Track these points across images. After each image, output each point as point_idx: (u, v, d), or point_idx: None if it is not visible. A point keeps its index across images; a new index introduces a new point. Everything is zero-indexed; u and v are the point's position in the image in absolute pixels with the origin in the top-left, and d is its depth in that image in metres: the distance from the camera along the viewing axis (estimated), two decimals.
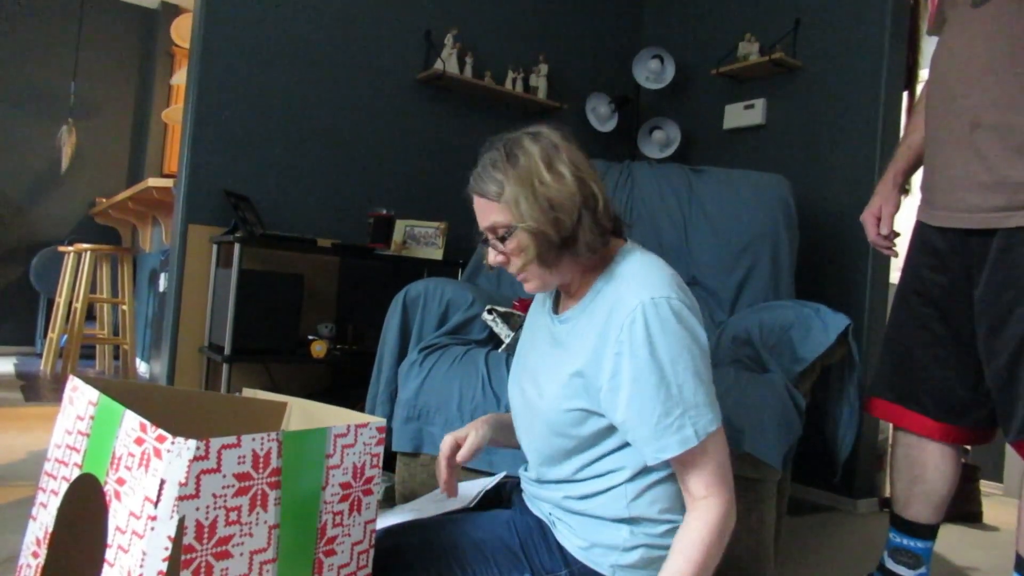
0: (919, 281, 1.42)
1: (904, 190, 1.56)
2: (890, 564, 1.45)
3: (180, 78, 4.72)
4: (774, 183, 2.39)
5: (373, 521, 1.13)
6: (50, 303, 5.00)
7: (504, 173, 1.10)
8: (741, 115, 3.12)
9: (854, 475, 2.60)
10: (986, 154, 1.24)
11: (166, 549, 0.86)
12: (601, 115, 3.39)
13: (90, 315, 4.67)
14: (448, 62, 2.97)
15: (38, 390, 3.71)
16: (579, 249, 1.07)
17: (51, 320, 4.52)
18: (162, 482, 0.86)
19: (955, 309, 1.35)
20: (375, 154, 2.89)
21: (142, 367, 4.54)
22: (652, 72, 3.32)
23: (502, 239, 1.11)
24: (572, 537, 1.12)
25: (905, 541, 1.44)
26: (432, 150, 3.04)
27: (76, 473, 1.02)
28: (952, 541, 2.24)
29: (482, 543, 1.15)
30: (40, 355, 5.02)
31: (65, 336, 4.24)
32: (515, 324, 1.83)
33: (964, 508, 2.52)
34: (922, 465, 1.41)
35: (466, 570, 1.14)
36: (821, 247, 2.63)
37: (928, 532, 1.42)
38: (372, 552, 1.13)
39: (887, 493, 2.66)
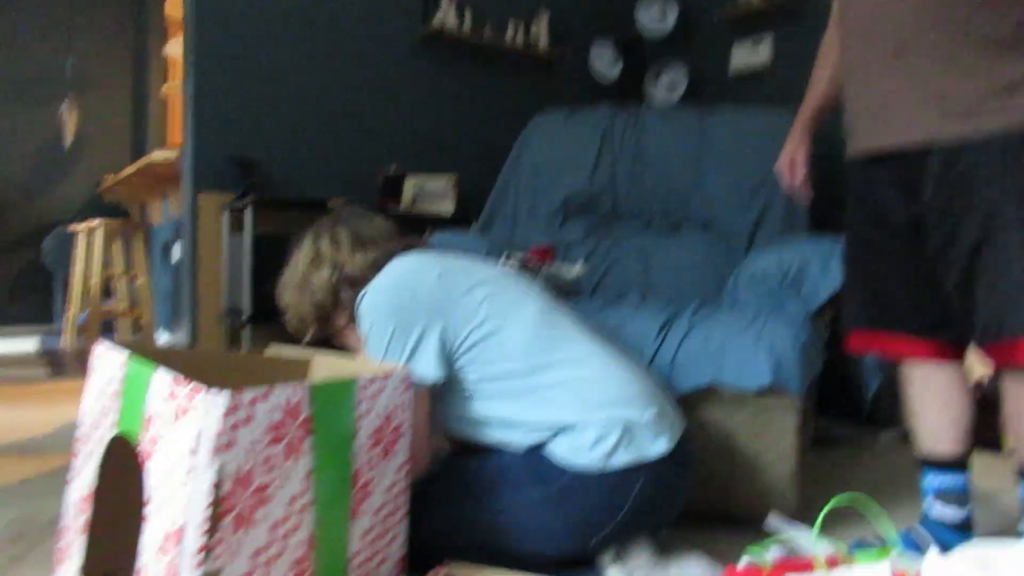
0: (866, 211, 1.40)
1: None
2: (937, 509, 1.40)
3: (173, 48, 4.67)
4: (786, 120, 2.34)
5: (406, 464, 1.15)
6: (66, 281, 5.04)
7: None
8: (748, 56, 3.06)
9: (875, 407, 2.61)
10: (916, 72, 1.24)
11: (207, 498, 0.88)
12: (605, 62, 3.33)
13: (106, 291, 4.71)
14: (447, 14, 2.92)
15: (62, 366, 3.76)
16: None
17: (68, 298, 4.56)
18: (198, 434, 0.88)
19: (906, 231, 1.34)
20: (380, 113, 2.86)
21: (162, 338, 4.59)
22: (655, 16, 3.25)
23: None
24: (559, 449, 1.23)
25: (948, 480, 1.39)
26: (437, 105, 3.01)
27: (111, 434, 1.04)
28: (974, 467, 2.26)
29: (498, 471, 1.24)
30: (61, 333, 5.08)
31: (84, 312, 4.29)
32: (531, 273, 1.83)
33: (985, 435, 2.53)
34: (945, 391, 1.39)
35: (486, 500, 1.23)
36: (835, 183, 2.60)
37: (965, 463, 1.40)
38: (407, 494, 1.16)
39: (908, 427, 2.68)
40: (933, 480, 1.40)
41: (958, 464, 1.39)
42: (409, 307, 1.24)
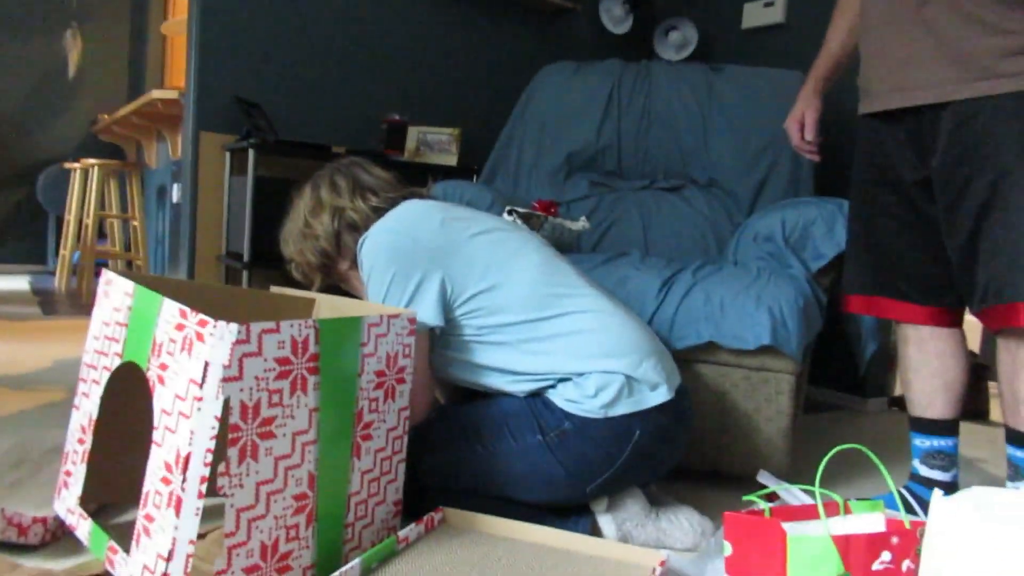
0: (875, 170, 1.40)
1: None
2: (924, 471, 1.43)
3: None
4: (795, 81, 2.32)
5: (406, 408, 1.16)
6: (59, 221, 5.00)
7: None
8: (761, 13, 3.01)
9: (864, 374, 2.65)
10: (936, 27, 1.23)
11: (213, 428, 0.88)
12: (615, 16, 3.28)
13: (101, 232, 4.67)
14: None
15: (55, 305, 3.75)
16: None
17: (62, 238, 4.53)
18: (206, 364, 0.88)
19: (915, 191, 1.35)
20: (387, 59, 2.81)
21: None
22: None
23: None
24: (560, 397, 1.25)
25: (936, 442, 1.41)
26: (445, 55, 2.96)
27: (117, 362, 1.05)
28: (961, 436, 2.30)
29: (498, 417, 1.26)
30: (53, 273, 5.06)
31: (78, 253, 4.26)
32: (535, 224, 1.83)
33: (973, 406, 2.58)
34: (940, 355, 1.41)
35: (486, 445, 1.25)
36: (842, 146, 2.58)
37: (954, 428, 1.42)
38: (406, 439, 1.17)
39: (896, 392, 2.72)
40: (922, 442, 1.43)
41: (947, 428, 1.42)
42: (410, 252, 1.23)
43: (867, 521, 0.74)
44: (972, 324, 3.38)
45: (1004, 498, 0.65)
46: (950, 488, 1.41)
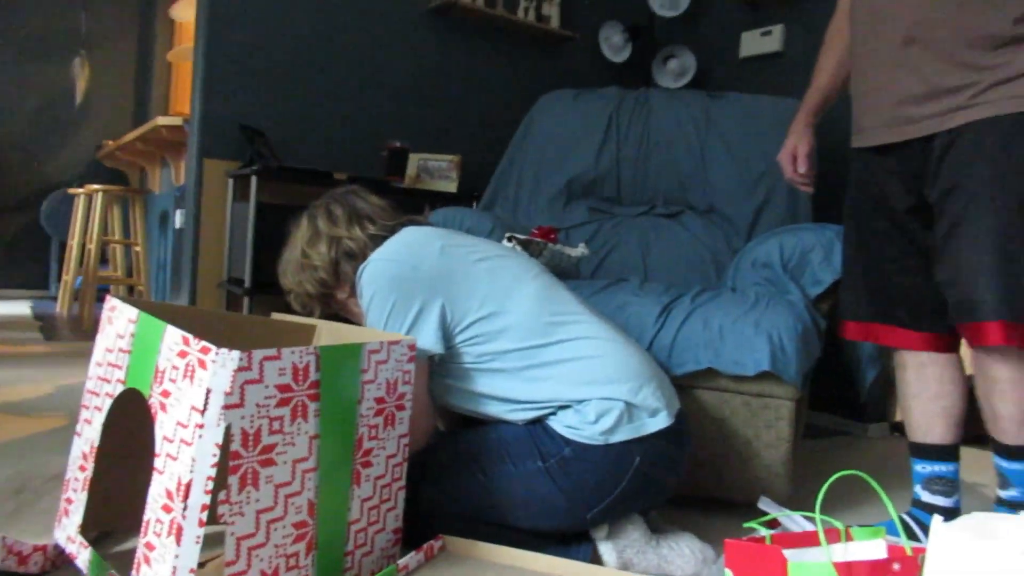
0: (868, 199, 1.44)
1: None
2: (926, 496, 1.43)
3: (179, 13, 4.62)
4: (792, 108, 2.34)
5: (406, 435, 1.16)
6: (62, 246, 5.02)
7: None
8: (758, 42, 3.05)
9: (865, 400, 2.64)
10: (920, 67, 1.29)
11: (214, 455, 0.89)
12: (615, 44, 3.32)
13: (103, 257, 4.69)
14: None
15: (56, 330, 3.76)
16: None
17: (64, 263, 4.54)
18: (208, 391, 0.89)
19: (907, 219, 1.38)
20: (389, 87, 2.85)
21: None
22: (666, 1, 3.24)
23: None
24: (560, 424, 1.25)
25: (937, 468, 1.41)
26: (446, 82, 3.00)
27: (119, 389, 1.05)
28: (963, 460, 2.29)
29: (498, 443, 1.26)
30: (55, 298, 5.07)
31: (80, 278, 4.27)
32: (535, 251, 1.84)
33: (973, 431, 2.56)
34: (938, 380, 1.41)
35: (486, 471, 1.24)
36: (839, 173, 2.60)
37: (955, 453, 1.42)
38: (406, 466, 1.17)
39: (897, 417, 2.71)
40: (923, 468, 1.43)
41: (948, 453, 1.42)
42: (411, 280, 1.24)
43: (869, 548, 0.74)
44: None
45: (1004, 524, 0.65)
46: (952, 513, 1.41)
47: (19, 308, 4.61)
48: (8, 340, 3.32)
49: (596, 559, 1.26)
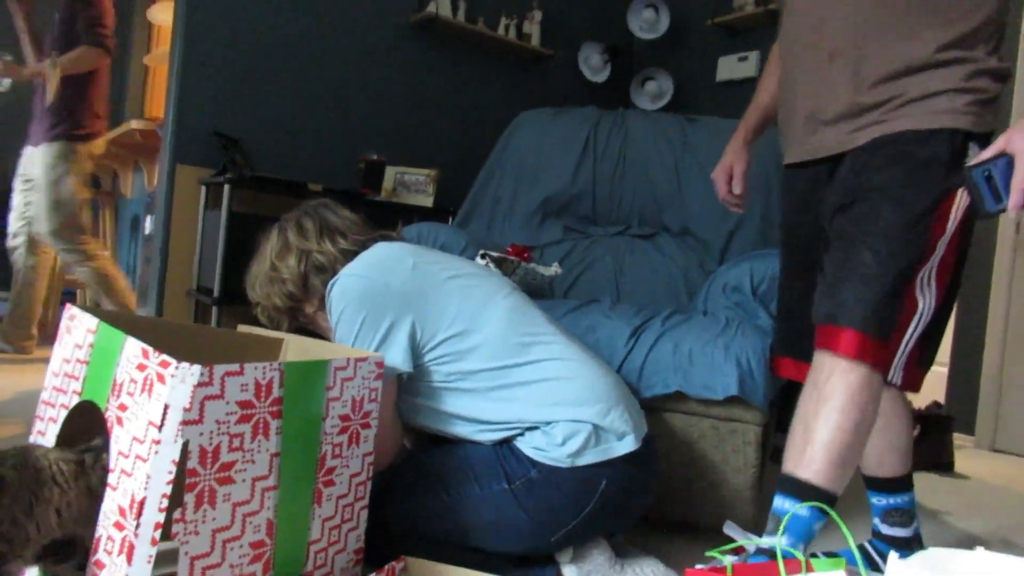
0: (787, 229, 1.42)
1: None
2: (885, 529, 1.42)
3: (157, 15, 4.57)
4: (767, 134, 2.38)
5: (370, 454, 1.14)
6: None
7: None
8: (735, 67, 3.10)
9: None
10: (838, 85, 1.24)
11: (170, 473, 0.86)
12: (594, 65, 3.35)
13: None
14: (441, 4, 2.91)
15: None
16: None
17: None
18: (166, 407, 0.86)
19: (817, 248, 1.32)
20: (367, 99, 2.84)
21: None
22: (646, 22, 3.28)
23: None
24: (527, 445, 1.24)
25: (892, 500, 1.41)
26: (424, 96, 3.00)
27: (75, 400, 1.02)
28: (925, 488, 2.31)
29: (464, 464, 1.25)
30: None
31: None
32: (508, 269, 1.83)
33: (937, 458, 2.60)
34: (885, 413, 1.36)
35: (451, 492, 1.23)
36: None
37: (908, 483, 1.42)
38: (369, 484, 1.16)
39: None
40: (879, 500, 1.43)
41: (901, 485, 1.41)
42: (381, 296, 1.23)
43: None
44: (937, 375, 3.42)
45: (959, 561, 0.66)
46: (911, 543, 1.42)
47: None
48: None
49: None
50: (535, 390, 1.24)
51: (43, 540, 0.95)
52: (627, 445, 1.24)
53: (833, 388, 1.13)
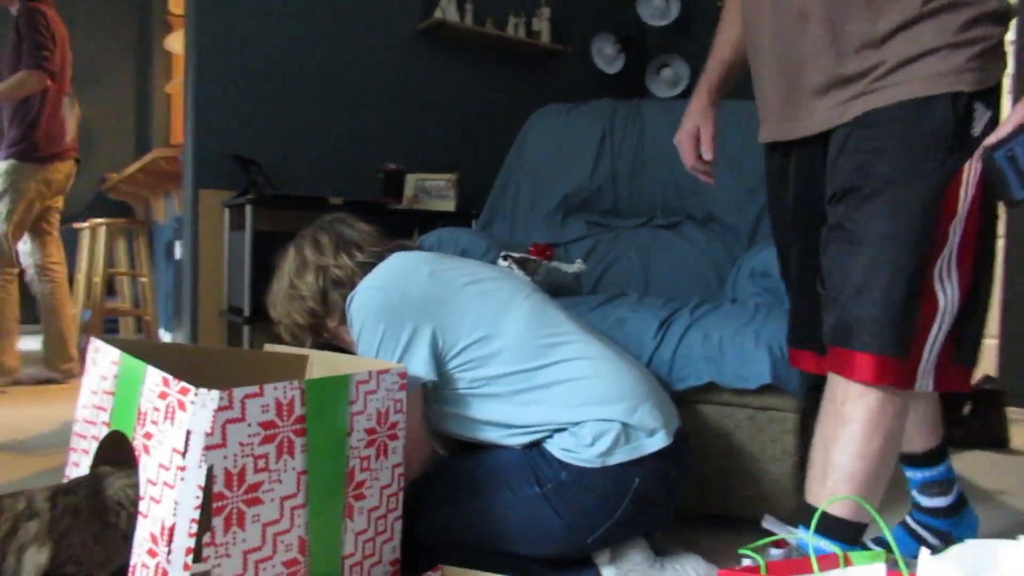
0: (775, 209, 1.28)
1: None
2: (925, 501, 1.38)
3: (173, 45, 4.67)
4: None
5: (400, 465, 1.14)
6: (71, 280, 5.05)
7: None
8: None
9: None
10: (815, 52, 1.08)
11: (197, 497, 0.87)
12: (607, 56, 3.32)
13: (112, 289, 4.72)
14: (447, 9, 2.91)
15: None
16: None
17: (73, 296, 4.57)
18: (188, 433, 0.87)
19: (807, 228, 1.18)
20: (381, 108, 2.85)
21: (165, 337, 4.60)
22: (657, 8, 3.24)
23: None
24: (556, 447, 1.22)
25: (927, 473, 1.36)
26: (438, 101, 3.00)
27: (104, 431, 1.04)
28: (979, 467, 2.24)
29: (495, 470, 1.24)
30: None
31: (88, 311, 4.29)
32: (531, 269, 1.82)
33: (991, 434, 2.51)
34: None
35: (483, 498, 1.22)
36: None
37: (941, 454, 1.36)
38: (402, 495, 1.15)
39: None
40: (914, 474, 1.39)
41: (934, 457, 1.35)
42: (400, 306, 1.23)
43: (867, 574, 0.72)
44: (988, 347, 3.31)
45: (1001, 555, 0.62)
46: (955, 508, 1.37)
47: (28, 343, 4.63)
48: (11, 379, 3.33)
49: None
50: (560, 391, 1.23)
51: (116, 563, 0.98)
52: (658, 441, 1.22)
53: (851, 413, 1.04)
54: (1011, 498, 1.93)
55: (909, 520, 1.41)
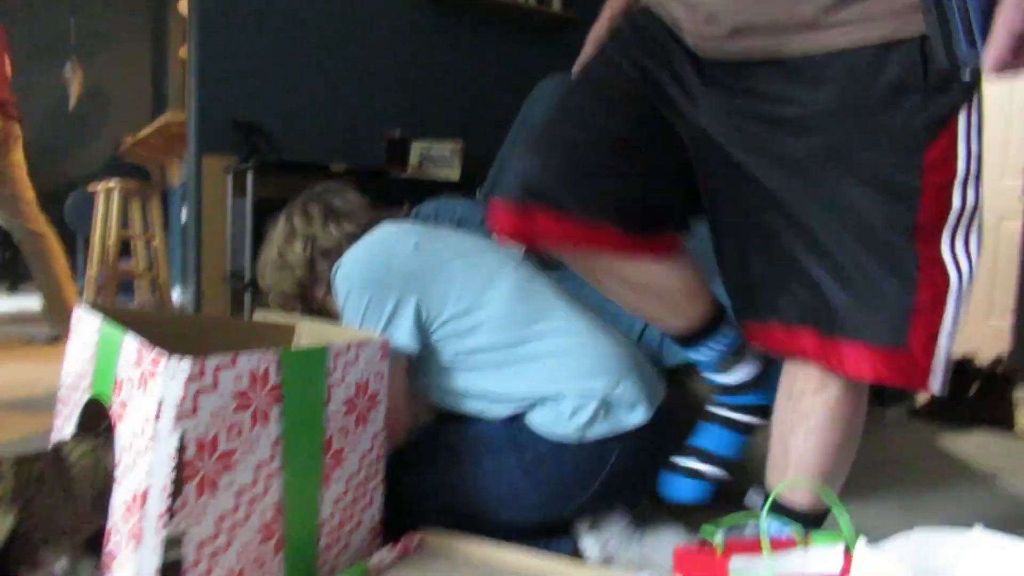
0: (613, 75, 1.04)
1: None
2: (727, 378, 1.20)
3: (186, 9, 4.65)
4: None
5: (381, 432, 1.15)
6: (87, 242, 5.11)
7: None
8: None
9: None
10: None
11: (168, 465, 0.88)
12: None
13: (127, 251, 4.77)
14: None
15: None
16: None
17: (88, 258, 4.63)
18: (160, 402, 0.88)
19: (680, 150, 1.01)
20: (387, 75, 2.83)
21: (179, 298, 4.66)
22: None
23: None
24: (536, 420, 1.22)
25: (717, 346, 1.14)
26: (445, 69, 2.97)
27: (86, 398, 1.06)
28: (981, 447, 2.22)
29: (477, 439, 1.26)
30: (81, 293, 5.17)
31: (102, 273, 4.35)
32: None
33: (995, 413, 2.49)
34: (647, 274, 1.10)
35: (465, 466, 1.24)
36: None
37: (720, 317, 1.16)
38: (382, 463, 1.17)
39: (917, 403, 2.64)
40: (699, 355, 1.18)
41: (715, 324, 1.15)
42: (384, 277, 1.23)
43: (824, 556, 0.72)
44: (997, 329, 3.26)
45: (945, 547, 0.60)
46: (765, 372, 1.18)
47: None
48: (28, 336, 3.40)
49: (579, 552, 1.25)
50: (543, 365, 1.23)
51: (87, 531, 1.00)
52: (638, 416, 1.22)
53: (810, 406, 0.99)
54: (1012, 480, 1.91)
55: (716, 410, 1.24)
